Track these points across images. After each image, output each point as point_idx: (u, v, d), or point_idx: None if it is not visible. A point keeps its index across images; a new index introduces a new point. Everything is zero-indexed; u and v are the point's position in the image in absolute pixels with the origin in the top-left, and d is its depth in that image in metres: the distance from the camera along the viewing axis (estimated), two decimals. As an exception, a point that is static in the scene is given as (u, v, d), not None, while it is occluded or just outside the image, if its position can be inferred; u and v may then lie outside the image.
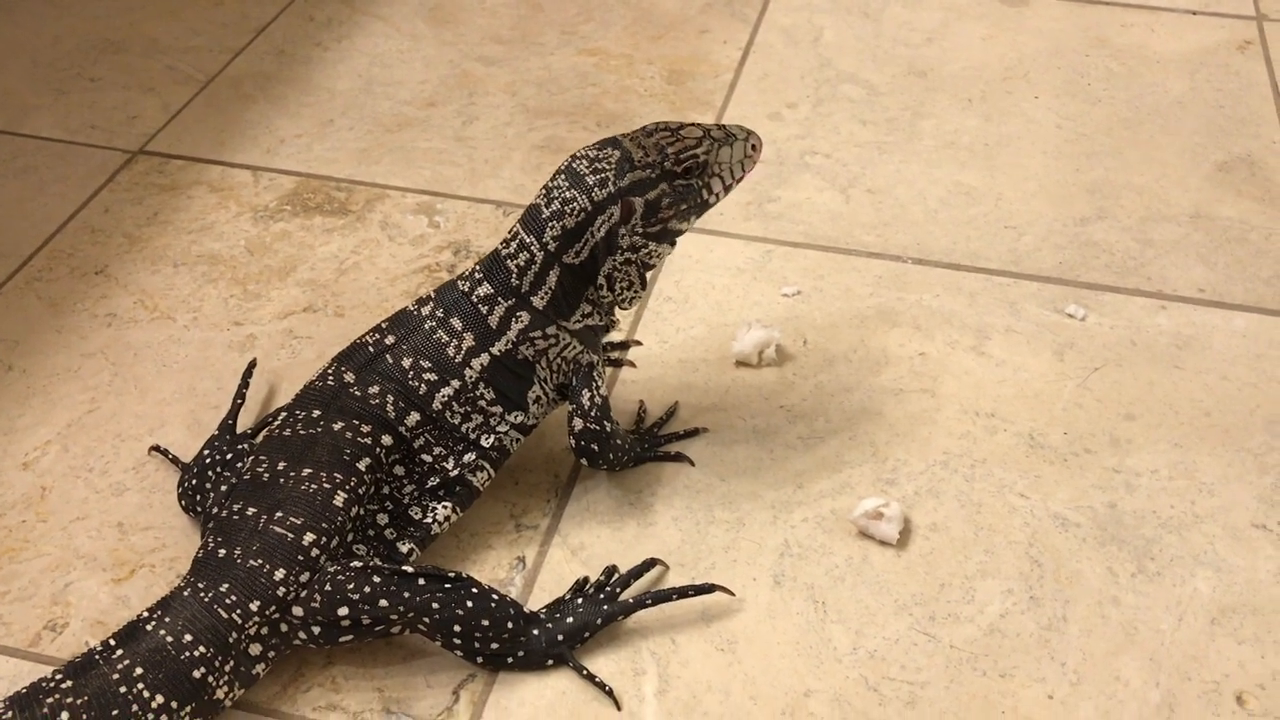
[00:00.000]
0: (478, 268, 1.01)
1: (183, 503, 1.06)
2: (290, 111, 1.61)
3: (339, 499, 0.93)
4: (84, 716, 0.83)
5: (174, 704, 0.86)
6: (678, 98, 1.61)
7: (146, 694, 0.85)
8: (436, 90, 1.65)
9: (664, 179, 0.97)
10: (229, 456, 1.04)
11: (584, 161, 0.98)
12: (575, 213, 0.97)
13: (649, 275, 1.03)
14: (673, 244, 1.02)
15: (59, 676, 0.85)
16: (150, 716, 0.85)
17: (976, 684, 0.94)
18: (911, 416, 1.16)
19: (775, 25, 1.76)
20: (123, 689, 0.84)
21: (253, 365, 1.19)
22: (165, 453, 1.12)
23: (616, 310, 1.04)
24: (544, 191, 0.99)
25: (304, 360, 1.24)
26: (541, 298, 0.99)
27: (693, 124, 1.00)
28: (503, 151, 1.53)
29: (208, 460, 1.05)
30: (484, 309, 0.99)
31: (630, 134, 0.99)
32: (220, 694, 0.88)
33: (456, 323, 0.99)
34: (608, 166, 0.97)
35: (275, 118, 1.60)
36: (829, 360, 1.22)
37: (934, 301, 1.28)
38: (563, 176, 0.98)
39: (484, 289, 1.00)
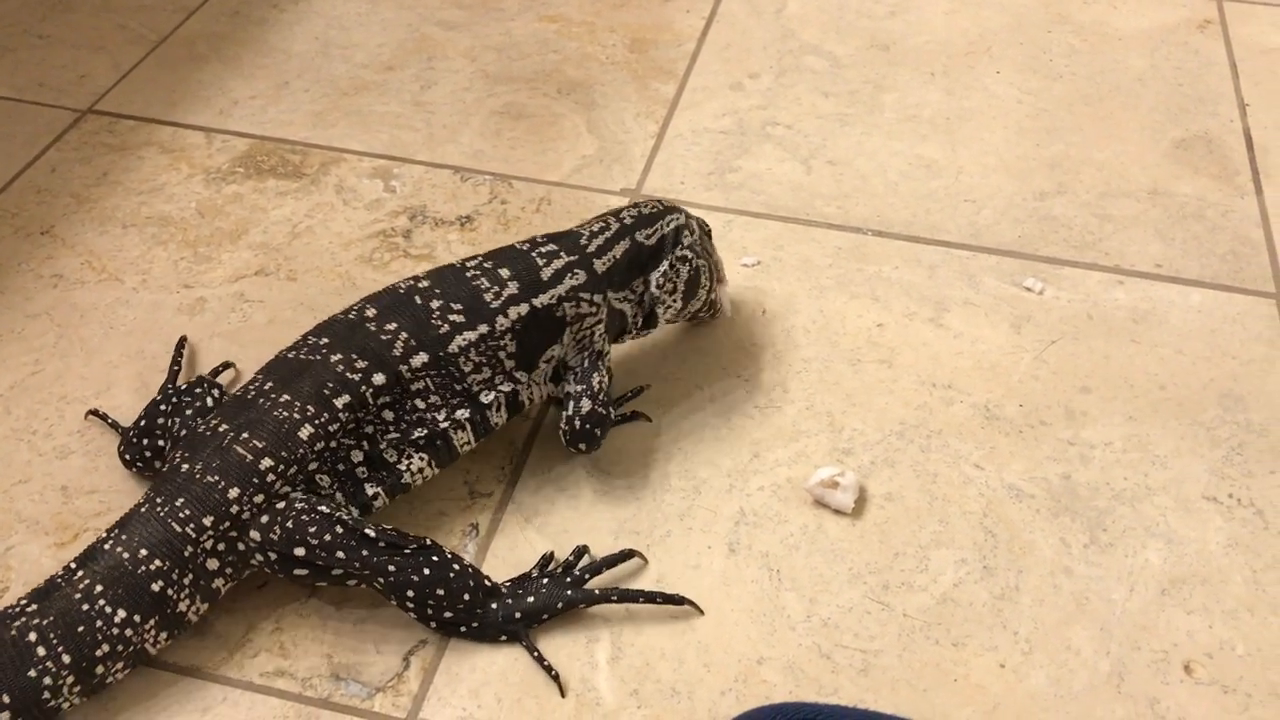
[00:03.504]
0: (541, 236, 1.06)
1: (126, 457, 1.05)
2: (245, 73, 1.58)
3: (304, 432, 0.93)
4: (51, 635, 0.84)
5: (137, 618, 0.87)
6: (640, 66, 1.59)
7: (109, 609, 0.86)
8: (394, 54, 1.62)
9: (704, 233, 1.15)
10: (189, 399, 1.04)
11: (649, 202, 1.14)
12: (649, 208, 1.11)
13: (686, 301, 1.11)
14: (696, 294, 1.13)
15: (23, 602, 0.86)
16: (115, 630, 0.86)
17: (929, 652, 0.94)
18: (868, 387, 1.15)
19: (739, -5, 1.74)
20: (85, 606, 0.86)
21: (183, 341, 1.18)
22: (104, 417, 1.10)
23: (651, 310, 1.09)
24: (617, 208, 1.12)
25: (254, 324, 1.21)
26: (605, 263, 1.05)
27: None
28: (461, 117, 1.51)
29: (161, 404, 1.05)
30: (541, 261, 1.03)
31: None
32: (183, 607, 0.89)
33: (505, 271, 1.02)
34: (673, 206, 1.14)
35: (229, 79, 1.57)
36: (787, 330, 1.21)
37: (893, 273, 1.28)
38: (634, 205, 1.12)
39: (549, 246, 1.05)
